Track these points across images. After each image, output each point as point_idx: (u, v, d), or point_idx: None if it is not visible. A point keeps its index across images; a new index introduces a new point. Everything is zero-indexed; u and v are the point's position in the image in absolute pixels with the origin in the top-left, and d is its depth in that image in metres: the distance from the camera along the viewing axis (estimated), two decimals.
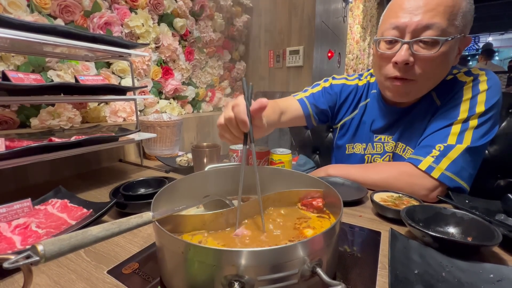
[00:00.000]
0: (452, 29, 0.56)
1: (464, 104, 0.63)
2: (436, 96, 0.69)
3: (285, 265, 0.29)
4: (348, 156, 0.86)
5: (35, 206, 0.58)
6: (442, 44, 0.56)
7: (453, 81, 0.67)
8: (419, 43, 0.57)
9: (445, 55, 0.58)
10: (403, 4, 0.58)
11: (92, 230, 0.29)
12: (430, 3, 0.55)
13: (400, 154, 0.74)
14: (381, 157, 0.78)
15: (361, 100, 0.84)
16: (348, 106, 0.86)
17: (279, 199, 0.50)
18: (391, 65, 0.62)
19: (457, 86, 0.66)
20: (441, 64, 0.60)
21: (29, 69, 0.90)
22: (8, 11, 0.83)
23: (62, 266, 0.42)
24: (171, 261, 0.34)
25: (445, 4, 0.54)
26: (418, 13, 0.55)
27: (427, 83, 0.62)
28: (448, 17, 0.55)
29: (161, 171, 0.93)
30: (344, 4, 2.56)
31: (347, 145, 0.86)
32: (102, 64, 1.12)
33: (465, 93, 0.64)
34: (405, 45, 0.58)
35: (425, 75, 0.60)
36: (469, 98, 0.63)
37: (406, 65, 0.59)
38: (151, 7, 1.29)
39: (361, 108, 0.83)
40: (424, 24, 0.55)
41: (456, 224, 0.46)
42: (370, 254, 0.44)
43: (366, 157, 0.81)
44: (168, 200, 0.45)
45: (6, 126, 0.87)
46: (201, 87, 1.70)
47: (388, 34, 0.60)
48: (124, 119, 1.16)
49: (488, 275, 0.35)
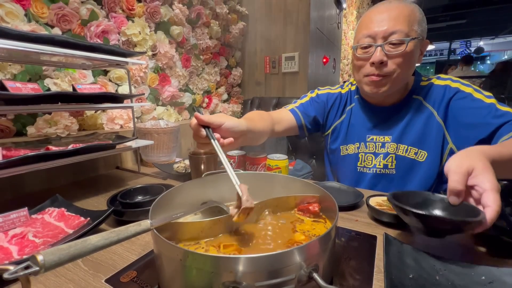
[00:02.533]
0: (412, 32, 0.69)
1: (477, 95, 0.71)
2: (425, 102, 0.78)
3: (282, 271, 0.30)
4: (343, 157, 0.89)
5: (32, 215, 0.57)
6: (408, 43, 0.68)
7: (433, 86, 0.78)
8: (389, 44, 0.70)
9: (411, 53, 0.70)
10: (371, 18, 0.72)
11: (91, 239, 0.29)
12: (391, 15, 0.70)
13: (403, 155, 0.78)
14: (375, 156, 0.82)
15: (346, 105, 0.91)
16: (335, 112, 0.93)
17: (276, 205, 0.51)
18: (368, 66, 0.73)
19: (440, 89, 0.77)
20: (409, 60, 0.71)
21: (26, 78, 0.90)
22: (6, 20, 0.84)
23: (60, 276, 0.42)
24: (169, 268, 0.35)
25: (403, 15, 0.69)
26: (384, 23, 0.70)
27: (399, 76, 0.72)
28: (408, 24, 0.69)
29: (158, 178, 0.93)
30: (338, 10, 2.61)
31: (341, 147, 0.90)
32: (99, 72, 1.13)
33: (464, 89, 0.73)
34: (378, 48, 0.70)
35: (397, 69, 0.71)
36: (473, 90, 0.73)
37: (381, 64, 0.71)
38: (148, 15, 1.30)
39: (348, 112, 0.90)
40: (390, 31, 0.69)
41: (444, 209, 0.46)
42: (366, 258, 0.45)
43: (360, 155, 0.85)
44: (165, 208, 0.46)
45: (2, 134, 0.86)
46: (198, 94, 1.72)
47: (363, 41, 0.73)
48: (121, 126, 1.16)
49: (480, 277, 0.36)
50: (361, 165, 0.85)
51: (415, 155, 0.77)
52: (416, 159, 0.77)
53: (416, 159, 0.77)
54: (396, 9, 0.70)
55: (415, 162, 0.77)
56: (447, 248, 0.48)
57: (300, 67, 1.89)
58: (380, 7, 0.73)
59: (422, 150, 0.76)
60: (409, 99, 0.79)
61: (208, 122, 0.51)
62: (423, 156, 0.76)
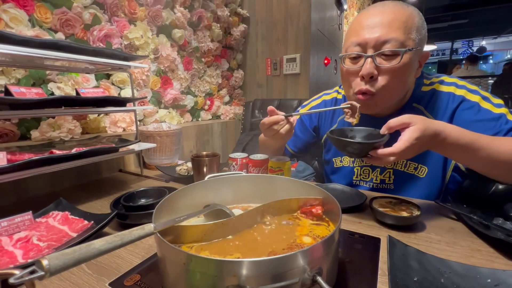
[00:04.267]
0: (409, 42, 0.60)
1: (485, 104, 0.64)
2: (427, 111, 0.70)
3: (286, 274, 0.30)
4: (337, 169, 0.85)
5: (36, 218, 0.58)
6: (403, 54, 0.59)
7: (435, 93, 0.70)
8: (381, 56, 0.61)
9: (406, 66, 0.61)
10: (362, 23, 0.63)
11: (95, 244, 0.29)
12: (385, 20, 0.60)
13: (401, 170, 0.73)
14: (372, 170, 0.78)
15: (339, 114, 0.85)
16: (326, 120, 0.88)
17: (279, 207, 0.50)
18: (358, 79, 0.65)
19: (444, 97, 0.68)
20: (404, 75, 0.63)
21: (30, 82, 0.91)
22: (10, 26, 0.85)
23: (64, 280, 0.42)
24: (172, 272, 0.35)
25: (398, 20, 0.59)
26: (376, 30, 0.60)
27: (391, 94, 0.65)
28: (404, 31, 0.59)
29: (161, 181, 0.94)
30: (339, 11, 2.61)
31: (333, 159, 0.86)
32: (102, 76, 1.14)
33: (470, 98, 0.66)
34: (368, 59, 0.61)
35: (389, 86, 0.63)
36: (480, 98, 0.65)
37: (371, 78, 0.62)
38: (150, 19, 1.31)
39: (340, 122, 0.84)
40: (383, 40, 0.59)
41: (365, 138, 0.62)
42: (370, 261, 0.45)
43: (355, 169, 0.80)
44: (169, 211, 0.46)
45: (6, 138, 0.87)
46: (200, 96, 1.72)
47: (351, 50, 0.64)
48: (123, 129, 1.17)
49: (486, 280, 0.36)
50: (357, 179, 0.81)
51: (414, 170, 0.72)
52: (415, 175, 0.72)
53: (415, 175, 0.72)
54: (391, 13, 0.60)
55: (415, 177, 0.72)
56: (452, 250, 0.48)
57: (302, 69, 1.89)
58: (372, 10, 0.63)
59: (422, 165, 0.71)
60: (408, 108, 0.71)
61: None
62: (423, 171, 0.71)
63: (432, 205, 0.65)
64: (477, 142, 0.55)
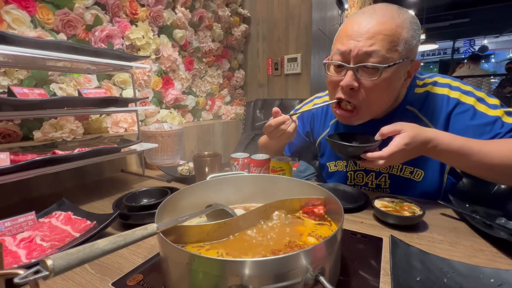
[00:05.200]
0: (394, 55, 0.58)
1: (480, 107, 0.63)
2: (420, 114, 0.69)
3: (289, 274, 0.30)
4: (332, 174, 0.85)
5: (39, 219, 0.58)
6: (382, 70, 0.58)
7: (429, 96, 0.68)
8: (363, 68, 0.60)
9: (387, 81, 0.60)
10: (348, 30, 0.61)
11: (98, 244, 0.29)
12: (370, 31, 0.58)
13: (397, 174, 0.73)
14: (366, 174, 0.77)
15: (331, 117, 0.85)
16: (319, 124, 0.88)
17: (281, 207, 0.50)
18: (338, 88, 0.64)
19: (438, 100, 0.67)
20: (385, 90, 0.62)
21: (32, 83, 0.91)
22: (12, 27, 0.85)
23: (67, 279, 0.42)
24: (175, 272, 0.35)
25: (384, 33, 0.57)
26: (360, 39, 0.58)
27: (373, 106, 0.65)
28: (388, 45, 0.57)
29: (162, 181, 0.94)
30: (340, 11, 2.61)
31: (327, 163, 0.85)
32: (103, 76, 1.14)
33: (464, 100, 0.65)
34: (349, 71, 0.60)
35: (370, 100, 0.62)
36: (475, 100, 0.64)
37: (351, 89, 0.62)
38: (151, 20, 1.32)
39: (332, 126, 0.84)
40: (364, 51, 0.58)
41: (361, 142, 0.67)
42: (372, 260, 0.45)
43: (349, 174, 0.80)
44: (171, 211, 0.46)
45: (9, 139, 0.88)
46: (201, 96, 1.72)
47: (335, 59, 0.64)
48: (125, 130, 1.17)
49: (489, 280, 0.36)
50: (351, 183, 0.80)
51: (410, 174, 0.71)
52: (412, 178, 0.71)
53: (412, 178, 0.71)
54: (379, 23, 0.57)
55: (411, 181, 0.71)
56: (455, 250, 0.48)
57: (303, 69, 1.89)
58: (360, 16, 0.61)
59: (418, 169, 0.70)
60: (402, 110, 0.70)
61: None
62: (419, 175, 0.70)
63: (434, 205, 0.65)
64: (468, 147, 0.56)
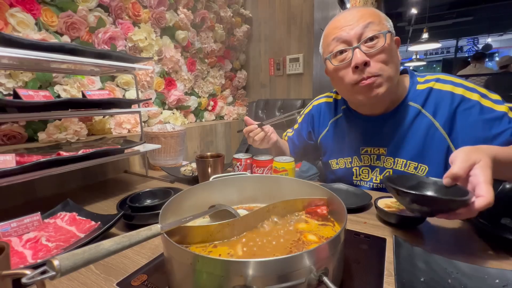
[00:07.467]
0: (384, 27, 0.65)
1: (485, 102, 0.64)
2: (424, 110, 0.69)
3: (292, 275, 0.30)
4: (335, 171, 0.85)
5: (44, 219, 0.59)
6: (385, 35, 0.63)
7: (432, 92, 0.69)
8: (365, 43, 0.64)
9: (390, 48, 0.64)
10: (336, 25, 0.67)
11: (104, 244, 0.29)
12: (357, 16, 0.65)
13: (402, 170, 0.73)
14: (371, 170, 0.77)
15: (331, 116, 0.86)
16: (319, 123, 0.90)
17: (284, 207, 0.50)
18: (351, 74, 0.66)
19: (442, 96, 0.68)
20: (392, 55, 0.65)
21: (36, 85, 0.92)
22: (17, 30, 0.86)
23: (72, 279, 0.43)
24: (179, 272, 0.35)
25: (368, 14, 0.65)
26: (352, 23, 0.64)
27: (389, 73, 0.65)
28: (376, 19, 0.64)
29: (166, 181, 0.94)
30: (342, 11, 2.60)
31: (329, 161, 0.86)
32: (107, 78, 1.15)
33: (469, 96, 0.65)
34: (356, 49, 0.64)
35: (383, 67, 0.64)
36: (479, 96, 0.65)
37: (365, 65, 0.64)
38: (154, 21, 1.32)
39: (331, 125, 0.86)
40: (362, 29, 0.63)
41: (435, 190, 0.49)
42: (376, 261, 0.45)
43: (354, 169, 0.80)
44: (175, 212, 0.46)
45: (14, 140, 0.89)
46: (203, 97, 1.73)
47: (336, 48, 0.67)
48: (128, 131, 1.18)
49: (494, 281, 0.36)
50: (356, 179, 0.81)
51: (414, 169, 0.71)
52: (416, 174, 0.70)
53: (416, 174, 0.70)
54: (358, 11, 0.66)
55: None
56: (459, 250, 0.47)
57: (305, 69, 1.89)
58: (341, 14, 0.68)
59: (422, 164, 0.70)
60: (404, 106, 0.71)
61: None
62: (423, 170, 0.70)
63: None
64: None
